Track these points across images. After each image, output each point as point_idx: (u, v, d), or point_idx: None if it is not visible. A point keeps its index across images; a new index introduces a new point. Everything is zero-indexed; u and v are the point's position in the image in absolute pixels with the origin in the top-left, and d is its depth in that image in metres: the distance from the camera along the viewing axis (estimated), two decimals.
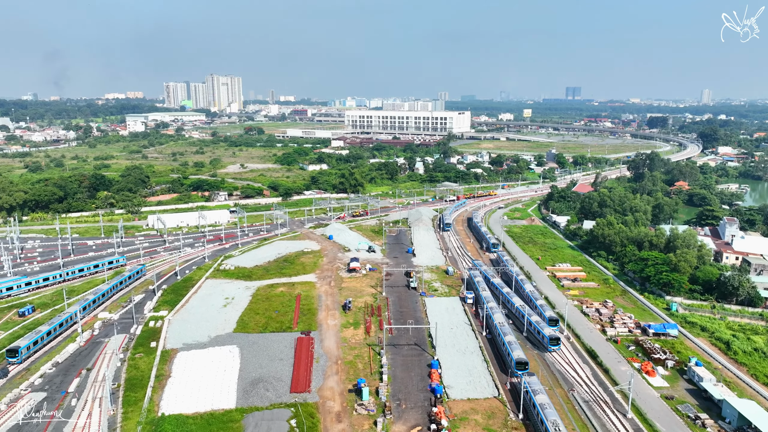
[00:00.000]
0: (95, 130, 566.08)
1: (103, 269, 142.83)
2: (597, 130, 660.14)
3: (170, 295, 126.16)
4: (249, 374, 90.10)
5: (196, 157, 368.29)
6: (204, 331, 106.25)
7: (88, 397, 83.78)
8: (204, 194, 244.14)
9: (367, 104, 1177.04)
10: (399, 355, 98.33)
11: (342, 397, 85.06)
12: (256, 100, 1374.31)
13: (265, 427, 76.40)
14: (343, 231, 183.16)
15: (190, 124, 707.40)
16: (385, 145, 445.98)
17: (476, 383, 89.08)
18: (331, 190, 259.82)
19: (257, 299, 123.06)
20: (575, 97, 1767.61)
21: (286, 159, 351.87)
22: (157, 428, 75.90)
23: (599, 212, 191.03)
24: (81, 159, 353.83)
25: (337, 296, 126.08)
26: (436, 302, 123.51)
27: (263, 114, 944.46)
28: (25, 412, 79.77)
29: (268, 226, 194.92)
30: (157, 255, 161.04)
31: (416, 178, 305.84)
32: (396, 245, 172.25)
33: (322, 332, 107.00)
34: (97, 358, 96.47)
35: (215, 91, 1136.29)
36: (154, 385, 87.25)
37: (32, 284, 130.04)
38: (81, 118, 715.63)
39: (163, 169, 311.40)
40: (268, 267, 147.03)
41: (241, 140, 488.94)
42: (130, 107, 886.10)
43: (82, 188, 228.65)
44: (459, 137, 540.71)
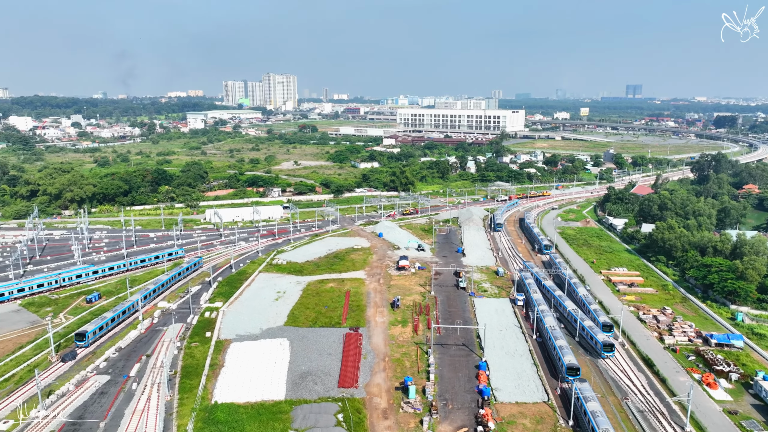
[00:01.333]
0: (158, 127, 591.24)
1: (163, 260, 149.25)
2: (659, 129, 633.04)
3: (225, 288, 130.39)
4: (298, 367, 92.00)
5: (251, 153, 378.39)
6: (256, 324, 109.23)
7: (148, 382, 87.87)
8: (259, 190, 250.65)
9: (419, 102, 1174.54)
10: (446, 355, 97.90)
11: (389, 394, 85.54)
12: (310, 99, 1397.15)
13: (313, 420, 77.82)
14: (392, 229, 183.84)
15: (246, 122, 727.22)
16: (436, 144, 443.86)
17: (525, 387, 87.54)
18: (382, 188, 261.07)
19: (308, 294, 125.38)
20: (636, 96, 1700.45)
21: (338, 156, 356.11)
22: (210, 415, 78.75)
23: (659, 215, 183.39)
24: (145, 155, 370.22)
25: (385, 294, 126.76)
26: (485, 303, 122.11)
27: (317, 112, 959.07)
28: (90, 393, 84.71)
29: (320, 223, 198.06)
30: (213, 248, 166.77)
31: (467, 177, 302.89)
32: (445, 244, 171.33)
33: (370, 329, 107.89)
34: (156, 345, 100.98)
35: (271, 90, 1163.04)
36: (208, 373, 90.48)
37: (99, 273, 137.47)
38: (146, 115, 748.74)
39: (221, 165, 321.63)
40: (318, 263, 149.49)
41: (295, 138, 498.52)
42: (191, 105, 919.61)
43: (146, 182, 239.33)
44: (512, 136, 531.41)
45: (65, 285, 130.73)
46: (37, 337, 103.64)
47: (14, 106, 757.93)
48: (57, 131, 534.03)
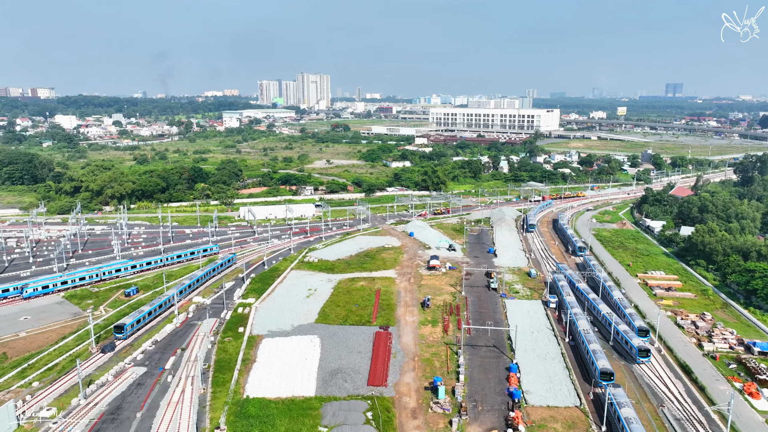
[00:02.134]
0: (195, 126, 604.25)
1: (198, 256, 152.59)
2: (700, 129, 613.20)
3: (258, 284, 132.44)
4: (328, 364, 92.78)
5: (285, 152, 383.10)
6: (288, 320, 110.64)
7: (182, 375, 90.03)
8: (292, 188, 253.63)
9: (452, 101, 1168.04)
10: (477, 356, 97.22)
11: (418, 393, 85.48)
12: (343, 98, 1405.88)
13: (342, 417, 78.40)
14: (424, 228, 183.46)
15: (280, 121, 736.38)
16: (469, 143, 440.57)
17: (557, 390, 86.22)
18: (414, 187, 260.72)
19: (338, 292, 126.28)
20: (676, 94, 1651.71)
21: (370, 156, 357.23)
22: (242, 409, 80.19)
23: (699, 218, 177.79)
24: (182, 152, 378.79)
25: (416, 293, 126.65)
26: (516, 305, 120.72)
27: (349, 111, 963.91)
28: (128, 384, 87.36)
29: (351, 221, 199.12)
30: (246, 245, 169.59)
31: (500, 177, 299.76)
32: (477, 245, 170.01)
33: (400, 328, 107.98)
34: (190, 340, 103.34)
35: (305, 89, 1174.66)
36: (241, 368, 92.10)
37: (137, 267, 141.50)
38: (183, 114, 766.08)
39: (255, 163, 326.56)
40: (349, 261, 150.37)
41: (327, 137, 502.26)
42: (226, 104, 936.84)
43: (182, 180, 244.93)
44: (546, 136, 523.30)
45: (105, 278, 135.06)
46: (78, 328, 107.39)
47: (60, 106, 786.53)
48: (99, 129, 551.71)
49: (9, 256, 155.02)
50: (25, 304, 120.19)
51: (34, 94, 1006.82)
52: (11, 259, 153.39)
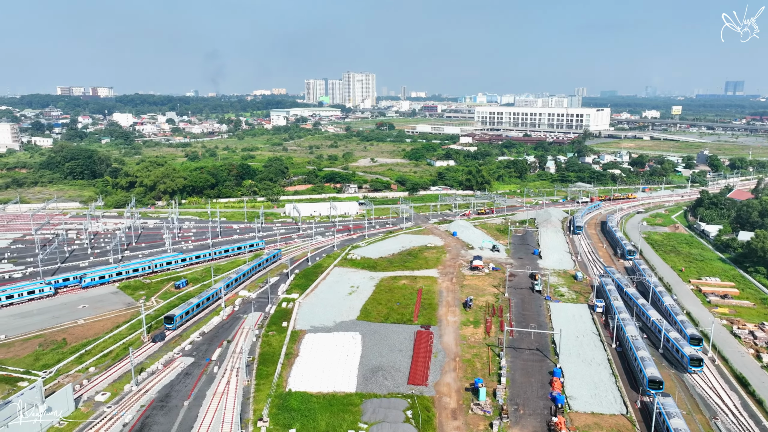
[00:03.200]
0: (244, 124, 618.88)
1: (245, 251, 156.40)
2: (762, 129, 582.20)
3: (301, 280, 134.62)
4: (369, 361, 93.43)
5: (330, 150, 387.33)
6: (330, 316, 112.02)
7: (228, 367, 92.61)
8: (336, 186, 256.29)
9: (498, 100, 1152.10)
10: (519, 359, 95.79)
11: (458, 394, 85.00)
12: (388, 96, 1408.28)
13: (382, 414, 78.82)
14: (467, 228, 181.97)
15: (326, 119, 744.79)
16: (515, 143, 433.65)
17: (602, 397, 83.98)
18: (457, 186, 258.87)
19: (380, 290, 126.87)
20: (736, 93, 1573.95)
21: (414, 154, 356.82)
22: (284, 402, 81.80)
23: (759, 222, 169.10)
24: (231, 150, 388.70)
25: (458, 293, 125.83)
26: (561, 308, 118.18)
27: (394, 110, 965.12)
28: (176, 373, 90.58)
29: (394, 220, 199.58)
30: (291, 241, 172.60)
31: (547, 177, 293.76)
32: (521, 246, 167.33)
33: (441, 328, 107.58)
34: (236, 332, 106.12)
35: (350, 88, 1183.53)
36: (284, 362, 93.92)
37: (186, 260, 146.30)
38: (232, 112, 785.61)
39: (301, 161, 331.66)
40: (392, 259, 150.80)
41: (372, 135, 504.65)
42: (274, 103, 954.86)
43: (231, 176, 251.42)
44: (596, 135, 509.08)
45: (157, 271, 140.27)
46: (131, 317, 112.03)
47: (117, 104, 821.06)
48: (153, 127, 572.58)
49: (69, 247, 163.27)
50: (83, 292, 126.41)
51: (94, 93, 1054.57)
52: (72, 249, 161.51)
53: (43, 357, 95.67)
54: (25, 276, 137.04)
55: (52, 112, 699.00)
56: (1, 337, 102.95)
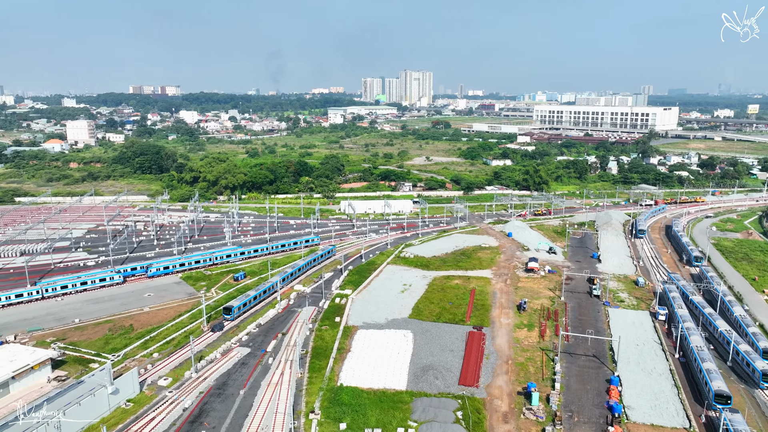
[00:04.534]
0: (302, 122, 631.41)
1: (301, 246, 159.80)
2: None
3: (355, 276, 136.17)
4: (420, 360, 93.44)
5: (385, 148, 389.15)
6: (382, 313, 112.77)
7: (282, 359, 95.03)
8: (390, 184, 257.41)
9: (558, 99, 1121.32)
10: (574, 365, 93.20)
11: (510, 398, 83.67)
12: (445, 95, 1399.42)
13: (432, 414, 78.68)
14: (523, 229, 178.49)
15: (382, 117, 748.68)
16: (575, 142, 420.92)
17: (663, 409, 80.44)
18: (514, 186, 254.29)
19: (433, 289, 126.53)
20: None
21: (470, 153, 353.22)
22: (335, 396, 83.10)
23: None
24: (289, 147, 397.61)
25: (512, 295, 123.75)
26: (621, 314, 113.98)
27: (451, 108, 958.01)
28: (233, 362, 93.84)
29: (448, 219, 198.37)
30: (346, 238, 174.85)
31: (608, 178, 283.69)
32: (579, 248, 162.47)
33: (494, 329, 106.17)
34: (290, 325, 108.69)
35: (407, 86, 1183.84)
36: (336, 356, 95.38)
37: (245, 254, 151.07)
38: (291, 110, 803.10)
39: (356, 158, 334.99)
40: (445, 258, 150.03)
41: (428, 133, 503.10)
42: (332, 101, 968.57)
43: (289, 173, 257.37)
44: (662, 135, 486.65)
45: (217, 263, 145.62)
46: (192, 307, 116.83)
47: (184, 102, 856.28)
48: (216, 124, 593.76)
49: (137, 238, 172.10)
50: (149, 282, 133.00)
51: (163, 92, 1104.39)
52: (139, 240, 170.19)
53: (112, 341, 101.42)
54: (97, 264, 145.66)
55: (125, 110, 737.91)
56: (76, 321, 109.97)
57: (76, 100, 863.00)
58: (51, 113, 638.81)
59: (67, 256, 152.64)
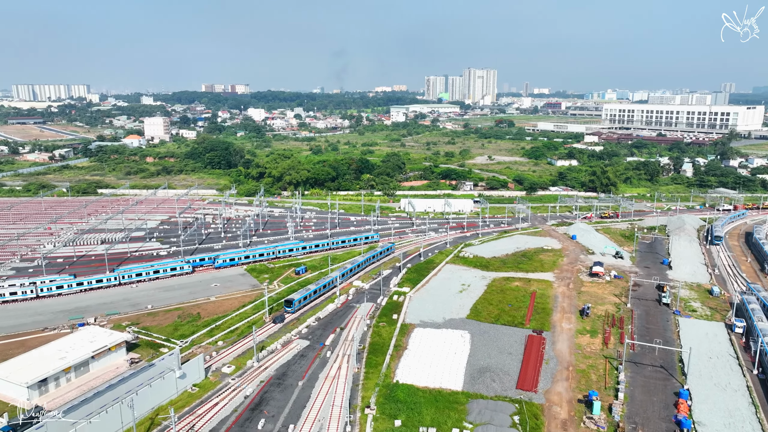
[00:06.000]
0: (365, 120, 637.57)
1: (360, 243, 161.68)
2: None
3: (413, 274, 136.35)
4: (477, 361, 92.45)
5: (447, 147, 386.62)
6: (439, 312, 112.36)
7: (339, 353, 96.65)
8: (451, 183, 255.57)
9: (629, 97, 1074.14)
10: (640, 375, 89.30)
11: (570, 405, 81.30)
12: (509, 93, 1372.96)
13: (488, 416, 77.70)
14: (588, 232, 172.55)
15: (444, 116, 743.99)
16: (646, 142, 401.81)
17: (738, 428, 75.68)
18: (579, 187, 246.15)
19: (492, 290, 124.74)
20: None
21: (533, 153, 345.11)
22: (391, 393, 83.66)
23: None
24: (351, 144, 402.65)
25: (574, 299, 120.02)
26: (692, 324, 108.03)
27: (515, 107, 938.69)
28: (293, 354, 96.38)
29: (510, 219, 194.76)
30: (405, 236, 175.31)
31: (682, 181, 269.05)
32: (649, 254, 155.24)
33: (555, 334, 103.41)
34: (348, 320, 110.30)
35: (470, 84, 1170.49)
36: (392, 353, 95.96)
37: (306, 249, 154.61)
38: (354, 108, 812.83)
39: (417, 156, 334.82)
40: (505, 259, 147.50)
41: (490, 132, 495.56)
42: (394, 99, 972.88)
43: (350, 170, 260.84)
44: (744, 136, 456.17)
45: (279, 256, 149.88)
46: (255, 298, 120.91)
47: (252, 100, 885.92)
48: (282, 122, 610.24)
49: (206, 230, 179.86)
50: (216, 272, 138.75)
51: (233, 90, 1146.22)
52: (208, 233, 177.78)
53: (180, 328, 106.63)
54: (169, 254, 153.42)
55: (197, 108, 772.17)
56: (149, 307, 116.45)
57: (153, 98, 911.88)
58: (131, 110, 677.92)
59: (142, 245, 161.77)
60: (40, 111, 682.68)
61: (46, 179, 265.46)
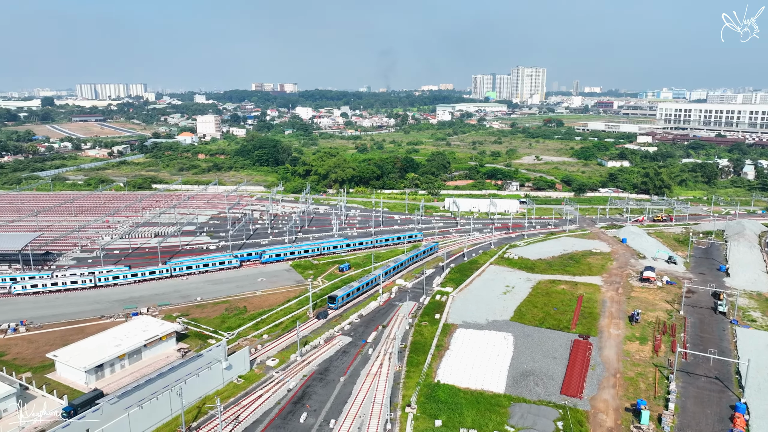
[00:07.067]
0: (410, 119, 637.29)
1: (404, 241, 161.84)
2: None
3: (456, 274, 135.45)
4: (520, 364, 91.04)
5: (493, 146, 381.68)
6: (482, 313, 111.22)
7: (381, 350, 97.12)
8: (497, 183, 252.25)
9: (686, 96, 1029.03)
10: (692, 386, 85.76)
11: (616, 413, 78.95)
12: (558, 92, 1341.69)
13: (531, 421, 76.43)
14: (639, 235, 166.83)
15: (491, 115, 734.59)
16: (704, 143, 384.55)
17: None
18: (631, 189, 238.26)
19: (537, 292, 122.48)
20: None
21: (583, 153, 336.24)
22: (432, 392, 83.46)
23: None
24: (397, 143, 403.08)
25: (623, 305, 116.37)
26: (751, 335, 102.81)
27: (564, 106, 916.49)
28: (335, 350, 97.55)
29: (557, 221, 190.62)
30: (449, 235, 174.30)
31: (742, 184, 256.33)
32: (704, 260, 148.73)
33: (602, 340, 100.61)
34: (391, 319, 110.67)
35: (519, 83, 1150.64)
36: (434, 353, 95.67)
37: (350, 246, 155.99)
38: (400, 107, 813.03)
39: (463, 156, 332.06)
40: (551, 262, 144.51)
41: (538, 132, 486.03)
42: (440, 98, 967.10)
43: (395, 169, 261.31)
44: None
45: (324, 253, 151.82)
46: (300, 294, 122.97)
47: (300, 99, 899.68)
48: (329, 120, 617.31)
49: (253, 226, 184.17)
50: (262, 267, 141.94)
51: (281, 89, 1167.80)
52: (255, 228, 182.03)
53: (227, 320, 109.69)
54: (218, 248, 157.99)
55: (247, 106, 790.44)
56: (198, 299, 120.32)
57: (205, 97, 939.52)
58: (184, 108, 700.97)
59: (193, 239, 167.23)
60: (101, 109, 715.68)
61: (105, 174, 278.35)
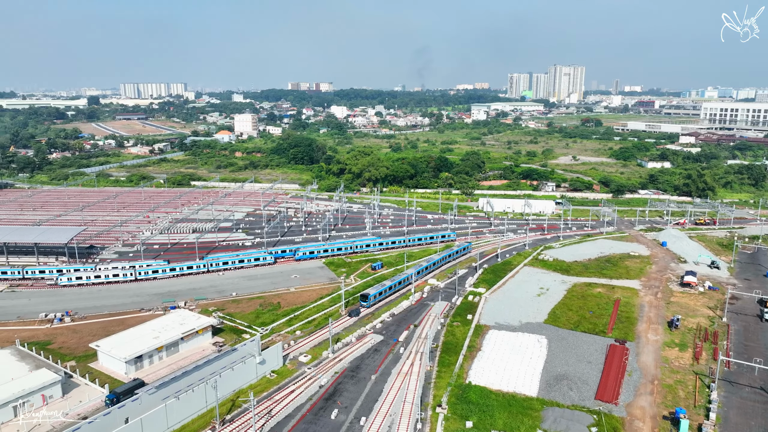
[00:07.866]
0: (445, 118, 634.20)
1: (436, 241, 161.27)
2: None
3: (489, 275, 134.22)
4: (554, 368, 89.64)
5: (529, 146, 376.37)
6: (516, 315, 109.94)
7: (413, 349, 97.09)
8: (532, 183, 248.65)
9: (733, 95, 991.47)
10: (736, 396, 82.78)
11: (653, 421, 76.88)
12: (597, 91, 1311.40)
13: (564, 426, 75.18)
14: (680, 239, 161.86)
15: (527, 114, 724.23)
16: (751, 144, 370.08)
17: None
18: (672, 191, 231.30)
19: (572, 295, 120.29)
20: None
21: (622, 153, 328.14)
22: (463, 393, 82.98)
23: None
24: (431, 142, 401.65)
25: (662, 310, 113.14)
26: None
27: (603, 105, 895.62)
28: (367, 348, 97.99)
29: (593, 223, 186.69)
30: (482, 235, 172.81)
31: None
32: (750, 265, 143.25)
33: (639, 345, 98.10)
34: (422, 318, 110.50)
35: (556, 82, 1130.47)
36: (466, 354, 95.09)
37: (383, 245, 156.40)
38: (435, 106, 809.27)
39: (498, 156, 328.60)
40: (587, 264, 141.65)
41: (576, 132, 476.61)
42: (476, 97, 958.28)
43: (429, 168, 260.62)
44: None
45: (357, 251, 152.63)
46: (332, 291, 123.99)
47: (335, 98, 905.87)
48: (363, 119, 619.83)
49: (288, 223, 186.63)
50: (296, 264, 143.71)
51: (317, 88, 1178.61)
52: (289, 226, 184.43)
53: (262, 316, 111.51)
54: (253, 245, 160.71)
55: (283, 105, 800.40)
56: (233, 294, 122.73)
57: (243, 96, 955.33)
58: (222, 107, 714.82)
59: (229, 235, 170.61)
60: (143, 108, 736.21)
61: (146, 171, 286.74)
